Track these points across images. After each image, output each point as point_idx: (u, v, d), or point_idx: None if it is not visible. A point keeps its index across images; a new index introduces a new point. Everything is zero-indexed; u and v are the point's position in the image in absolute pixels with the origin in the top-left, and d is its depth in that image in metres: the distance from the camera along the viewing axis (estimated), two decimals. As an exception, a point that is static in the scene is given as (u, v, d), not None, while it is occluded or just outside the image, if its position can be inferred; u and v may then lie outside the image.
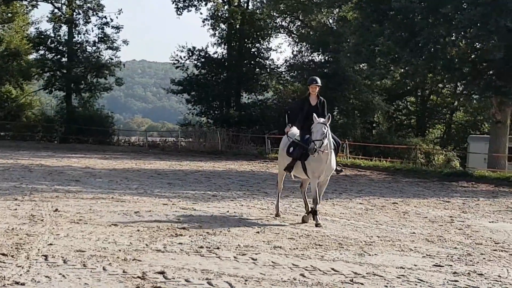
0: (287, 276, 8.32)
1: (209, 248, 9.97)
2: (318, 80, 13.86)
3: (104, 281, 7.69)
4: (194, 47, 54.58)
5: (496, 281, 8.63)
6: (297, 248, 10.24)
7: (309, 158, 13.00)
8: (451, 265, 9.51)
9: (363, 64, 42.13)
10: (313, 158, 12.91)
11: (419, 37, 30.00)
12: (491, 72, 31.75)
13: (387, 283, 8.17)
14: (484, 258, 10.21)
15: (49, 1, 56.29)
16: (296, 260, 9.36)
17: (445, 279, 8.58)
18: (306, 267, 8.91)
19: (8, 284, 7.34)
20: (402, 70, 37.05)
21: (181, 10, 54.82)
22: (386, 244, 11.04)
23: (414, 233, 12.58)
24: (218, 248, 9.98)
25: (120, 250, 9.49)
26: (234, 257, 9.35)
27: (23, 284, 7.37)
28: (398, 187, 23.86)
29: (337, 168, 13.70)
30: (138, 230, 11.34)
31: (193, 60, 55.06)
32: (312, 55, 54.44)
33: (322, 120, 12.87)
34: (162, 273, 8.15)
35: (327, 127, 12.80)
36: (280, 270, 8.63)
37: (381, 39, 31.16)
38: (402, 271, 8.96)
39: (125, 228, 11.51)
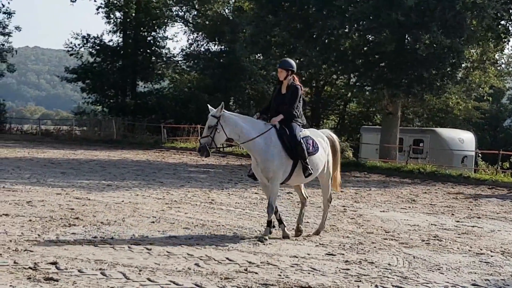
0: (181, 265, 8.33)
1: (103, 238, 9.87)
2: (288, 62, 11.33)
3: (-6, 272, 7.50)
4: (89, 35, 53.54)
5: (386, 269, 8.89)
6: (192, 238, 10.26)
7: None
8: (343, 254, 9.74)
9: (259, 55, 42.38)
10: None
11: (314, 29, 30.41)
12: (382, 64, 32.48)
13: (281, 272, 8.29)
14: (375, 247, 10.50)
15: None
16: (191, 249, 9.38)
17: (337, 267, 8.78)
18: (201, 256, 8.94)
19: None
20: (297, 61, 37.49)
21: (75, -3, 53.64)
22: (280, 233, 11.18)
23: (307, 222, 12.79)
24: (112, 238, 9.89)
25: (11, 241, 9.28)
26: (129, 247, 9.29)
27: None
28: (293, 177, 24.15)
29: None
30: (30, 220, 11.12)
31: (88, 47, 54.05)
32: (208, 45, 54.40)
33: (213, 111, 10.68)
34: (54, 263, 8.02)
35: (218, 119, 10.55)
36: (175, 260, 8.64)
37: (277, 30, 31.41)
38: (295, 260, 9.11)
39: (16, 218, 11.25)
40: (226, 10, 54.65)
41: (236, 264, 8.59)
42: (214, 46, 54.09)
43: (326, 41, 31.48)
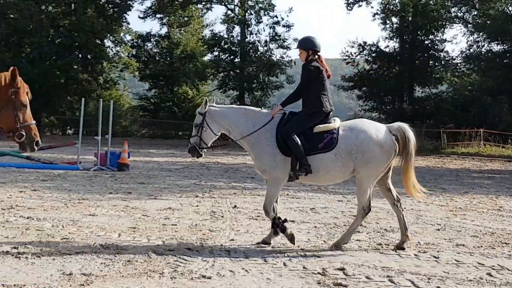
0: (472, 275, 7.91)
1: (388, 245, 9.72)
2: (309, 40, 9.82)
3: (286, 276, 7.65)
4: (365, 42, 54.38)
5: None
6: (481, 247, 9.76)
7: None
8: None
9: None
10: None
11: None
12: None
13: None
14: None
15: (223, 3, 57.81)
16: (481, 258, 8.91)
17: None
18: (493, 266, 8.44)
19: (195, 277, 7.48)
20: None
21: (352, 6, 54.68)
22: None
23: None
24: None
25: (298, 246, 9.45)
26: (415, 255, 9.05)
27: (209, 277, 7.47)
28: None
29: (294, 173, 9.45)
30: (315, 227, 11.28)
31: (364, 55, 54.73)
32: (490, 45, 52.38)
33: (200, 108, 9.76)
34: (342, 269, 8.01)
35: (204, 116, 9.54)
36: (465, 269, 8.24)
37: None
38: None
39: (302, 225, 11.48)
40: (510, 8, 52.27)
41: (532, 275, 8.00)
42: (497, 46, 51.99)
43: None
